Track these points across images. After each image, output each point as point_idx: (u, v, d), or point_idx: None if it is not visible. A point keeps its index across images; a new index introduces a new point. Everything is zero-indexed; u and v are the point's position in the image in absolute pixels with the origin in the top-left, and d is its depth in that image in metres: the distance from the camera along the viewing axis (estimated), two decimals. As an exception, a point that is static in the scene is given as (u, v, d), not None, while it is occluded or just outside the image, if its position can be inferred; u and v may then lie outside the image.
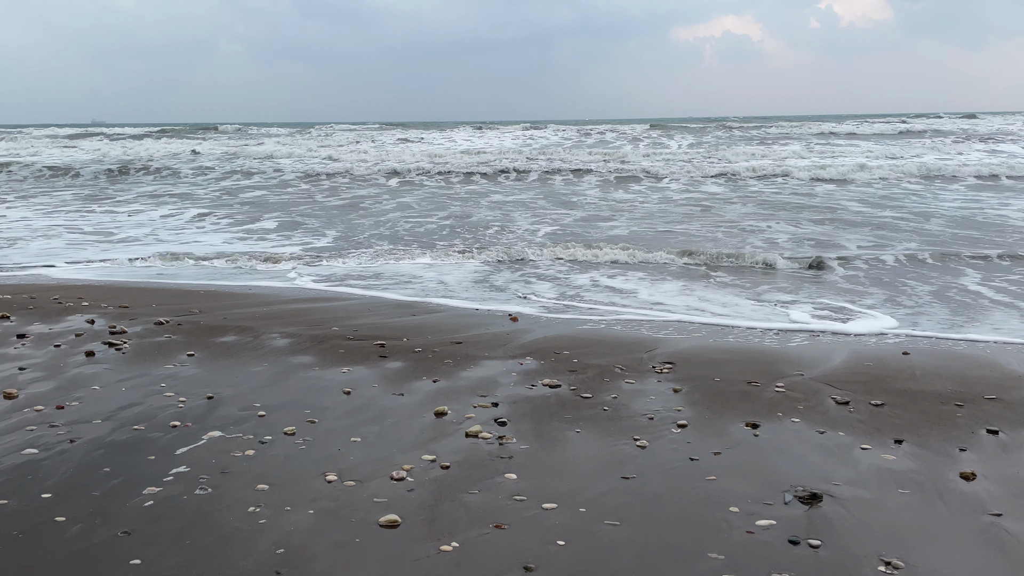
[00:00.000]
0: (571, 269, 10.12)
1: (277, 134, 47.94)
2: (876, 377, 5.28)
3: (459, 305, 8.07)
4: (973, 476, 3.68)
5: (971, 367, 5.64)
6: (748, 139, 36.72)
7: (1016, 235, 12.45)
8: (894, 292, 8.57)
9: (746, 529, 3.18)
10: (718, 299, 8.33)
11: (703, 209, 16.28)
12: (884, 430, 4.26)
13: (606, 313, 7.74)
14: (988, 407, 4.63)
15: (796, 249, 11.51)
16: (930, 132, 36.70)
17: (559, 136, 40.76)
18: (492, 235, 13.18)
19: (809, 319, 7.57)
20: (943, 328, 7.07)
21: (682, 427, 4.31)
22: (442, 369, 5.37)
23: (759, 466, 3.81)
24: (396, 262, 10.86)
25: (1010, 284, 8.90)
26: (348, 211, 16.79)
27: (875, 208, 15.84)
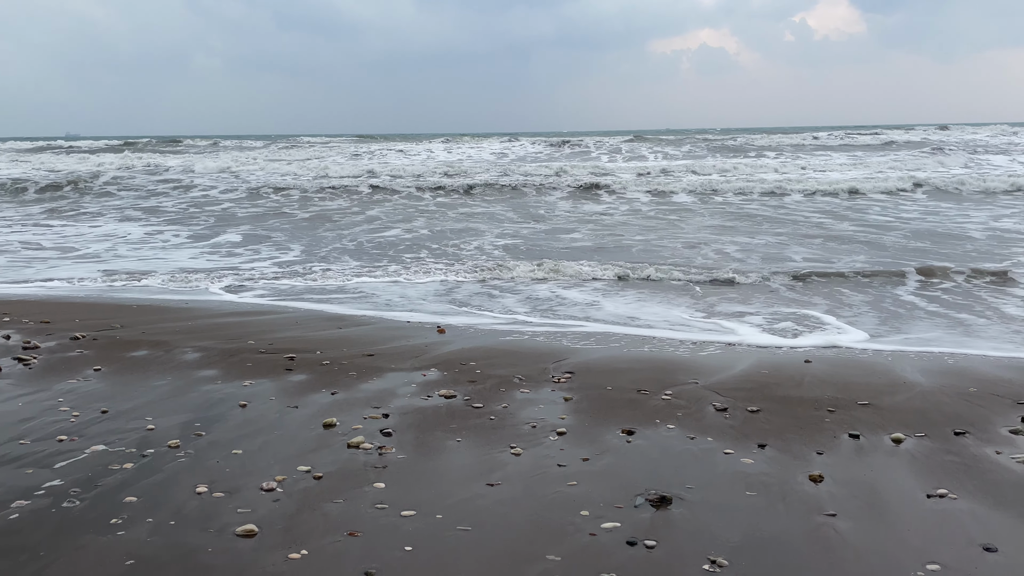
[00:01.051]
0: (532, 281, 10.29)
1: (251, 147, 47.71)
2: (763, 384, 5.49)
3: (393, 317, 8.18)
4: (821, 479, 3.87)
5: (862, 374, 5.87)
6: (723, 151, 37.24)
7: (969, 245, 12.84)
8: (834, 303, 8.83)
9: (590, 532, 3.34)
10: (659, 311, 8.53)
11: (668, 222, 16.60)
12: (751, 435, 4.45)
13: (538, 324, 7.90)
14: (858, 412, 4.84)
15: (744, 260, 11.78)
16: (902, 144, 37.36)
17: (535, 148, 41.01)
18: (455, 247, 13.37)
19: (733, 329, 7.83)
20: (858, 339, 7.34)
21: (561, 434, 4.46)
22: (344, 381, 5.48)
23: (622, 471, 3.97)
24: (356, 277, 10.93)
25: (943, 294, 9.22)
26: (316, 224, 16.90)
27: (836, 220, 16.23)
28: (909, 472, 3.96)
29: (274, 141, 54.85)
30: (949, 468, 4.00)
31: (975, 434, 4.45)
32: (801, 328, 7.66)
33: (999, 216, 16.37)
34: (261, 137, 63.52)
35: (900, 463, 4.07)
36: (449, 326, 7.67)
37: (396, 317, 8.20)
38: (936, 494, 3.69)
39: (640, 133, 52.61)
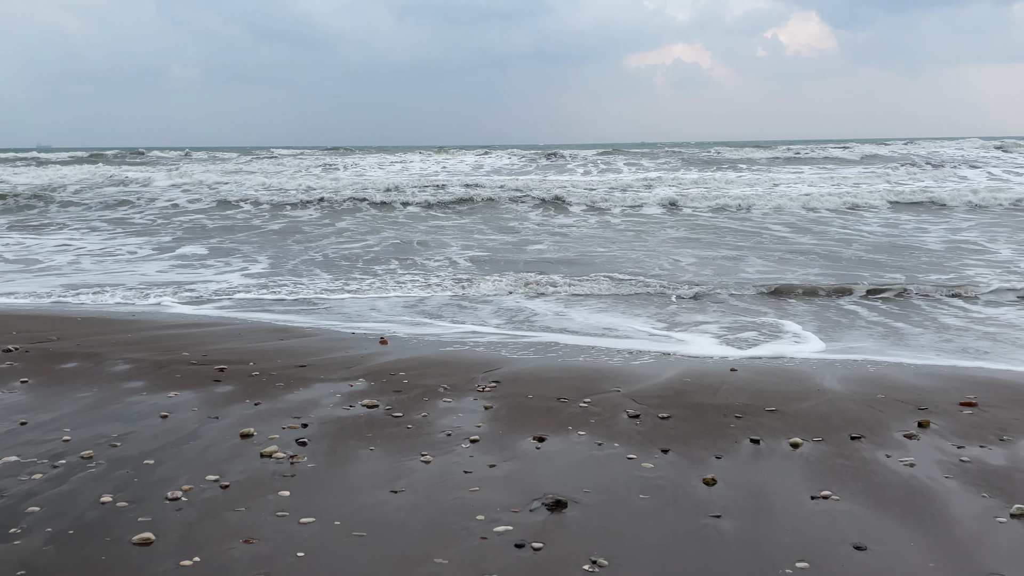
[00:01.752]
0: (496, 292, 10.36)
1: (225, 158, 47.37)
2: (681, 392, 5.65)
3: (339, 328, 8.25)
4: (714, 482, 4.03)
5: (781, 382, 6.06)
6: (696, 163, 37.60)
7: (925, 258, 13.17)
8: (782, 313, 9.04)
9: (481, 535, 3.45)
10: (615, 321, 8.68)
11: (636, 234, 16.83)
12: (657, 441, 4.60)
13: (490, 334, 8.02)
14: (764, 418, 5.02)
15: (697, 272, 11.97)
16: (870, 158, 37.96)
17: (510, 160, 41.15)
18: (424, 259, 13.49)
19: (678, 338, 8.01)
20: (792, 348, 7.55)
21: (474, 442, 4.58)
22: (270, 392, 5.55)
23: (525, 477, 4.09)
24: (327, 292, 10.94)
25: (883, 304, 9.45)
26: (286, 236, 16.91)
27: (799, 233, 16.52)
28: (800, 475, 4.13)
29: (249, 153, 54.49)
30: (838, 471, 4.17)
31: (870, 438, 4.64)
32: (741, 338, 7.85)
33: (956, 229, 16.80)
34: (237, 149, 62.94)
35: (793, 466, 4.24)
36: (394, 337, 7.77)
37: (342, 328, 8.27)
38: (820, 495, 3.86)
39: (615, 146, 52.94)
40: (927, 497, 3.84)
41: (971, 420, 4.95)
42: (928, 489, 3.93)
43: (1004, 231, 16.08)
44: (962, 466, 4.21)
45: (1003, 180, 27.86)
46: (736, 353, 7.21)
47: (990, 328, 8.16)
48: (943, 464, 4.24)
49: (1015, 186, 24.66)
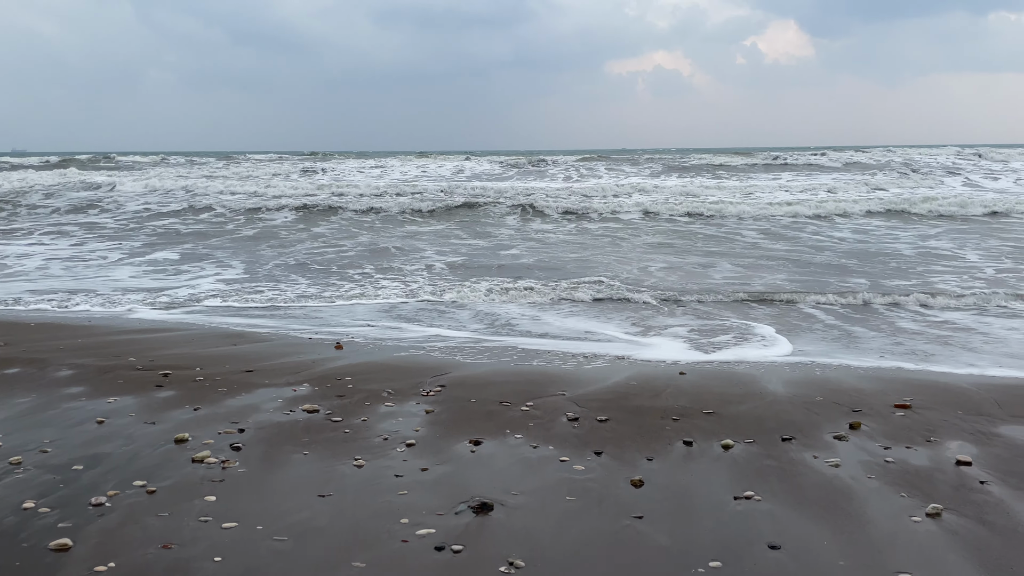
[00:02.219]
0: (465, 297, 10.39)
1: (202, 162, 46.98)
2: (624, 395, 5.70)
3: (297, 333, 8.22)
4: (641, 483, 4.07)
5: (725, 385, 6.12)
6: (677, 170, 37.77)
7: (894, 263, 13.35)
8: (744, 317, 9.14)
9: (403, 539, 3.47)
10: (579, 325, 8.75)
11: (611, 240, 16.91)
12: (592, 443, 4.64)
13: (451, 339, 8.06)
14: (700, 421, 5.08)
15: (664, 278, 12.03)
16: (848, 165, 38.24)
17: (491, 166, 41.12)
18: (400, 264, 13.53)
19: (638, 342, 8.07)
20: (744, 352, 7.65)
21: (410, 446, 4.59)
22: (211, 397, 5.53)
23: (456, 480, 4.12)
24: (301, 297, 10.92)
25: (841, 308, 9.58)
26: (261, 241, 16.86)
27: (772, 239, 16.68)
28: (727, 476, 4.19)
29: (227, 157, 54.04)
30: (764, 472, 4.24)
31: (800, 440, 4.71)
32: (704, 341, 7.92)
33: (927, 236, 17.00)
34: (215, 153, 62.34)
35: (721, 467, 4.30)
36: (352, 342, 7.76)
37: (301, 334, 8.24)
38: (743, 496, 3.92)
39: (596, 152, 53.02)
40: (847, 497, 3.92)
41: (902, 422, 5.04)
42: (849, 489, 4.00)
43: (974, 238, 16.35)
44: (886, 467, 4.29)
45: (979, 187, 28.45)
46: (698, 357, 7.27)
47: (944, 332, 8.31)
48: (867, 465, 4.32)
49: (989, 193, 25.18)
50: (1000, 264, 13.03)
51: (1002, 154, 39.76)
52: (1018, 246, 15.10)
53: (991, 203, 21.13)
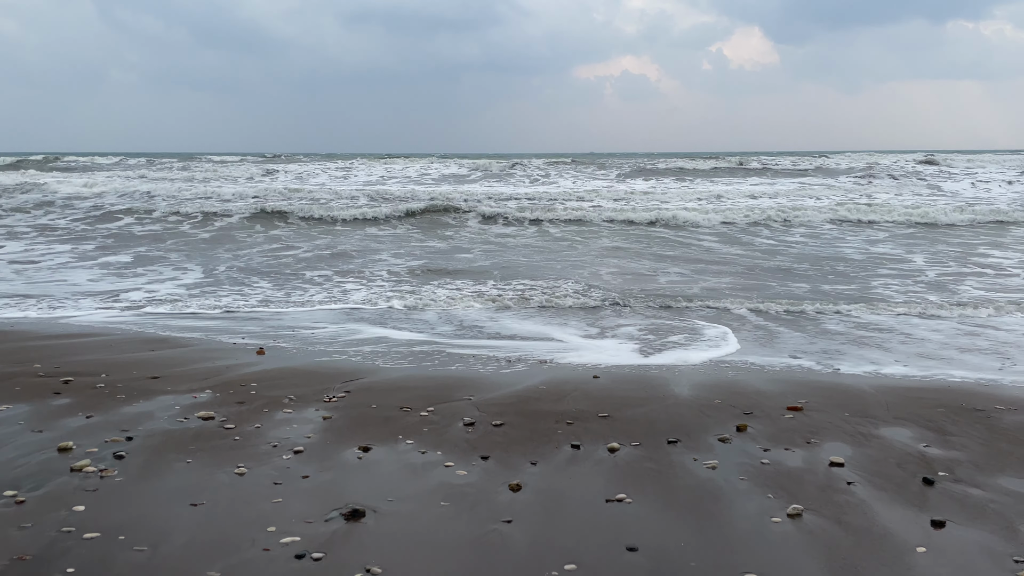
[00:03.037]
0: (420, 301, 10.44)
1: (163, 164, 46.04)
2: (528, 399, 5.76)
3: (223, 338, 8.16)
4: (519, 487, 4.13)
5: (632, 388, 6.20)
6: (643, 173, 38.02)
7: (842, 267, 13.67)
8: (679, 318, 9.29)
9: (264, 547, 3.47)
10: (520, 328, 8.80)
11: (569, 244, 17.04)
12: (480, 448, 4.69)
13: (393, 341, 8.12)
14: (594, 424, 5.16)
15: (612, 280, 12.25)
16: (809, 171, 38.74)
17: (459, 170, 40.90)
18: (358, 267, 13.56)
19: (570, 344, 8.14)
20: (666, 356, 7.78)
21: (297, 453, 4.59)
22: (107, 405, 5.46)
23: (335, 487, 4.13)
24: (262, 302, 10.82)
25: (774, 311, 9.75)
26: (216, 244, 16.68)
27: (728, 244, 16.93)
28: (605, 479, 4.26)
29: (190, 158, 53.15)
30: (642, 474, 4.32)
31: (685, 442, 4.81)
32: (631, 344, 8.04)
33: (875, 241, 17.35)
34: (178, 154, 61.16)
35: (602, 470, 4.38)
36: (276, 347, 7.71)
37: (226, 338, 8.17)
38: (615, 499, 4.00)
39: (564, 156, 53.17)
40: (715, 498, 4.01)
41: (789, 424, 5.17)
42: (719, 491, 4.10)
43: (922, 243, 16.77)
44: (760, 468, 4.40)
45: (942, 192, 29.16)
46: (628, 359, 7.36)
47: (867, 333, 8.52)
48: (743, 466, 4.43)
49: (941, 200, 25.75)
50: (945, 268, 13.44)
51: (972, 161, 40.73)
52: (963, 251, 15.57)
53: (941, 211, 21.52)
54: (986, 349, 7.78)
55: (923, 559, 3.40)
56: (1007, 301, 10.30)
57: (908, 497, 4.01)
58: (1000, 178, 32.46)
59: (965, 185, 30.92)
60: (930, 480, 4.19)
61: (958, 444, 4.76)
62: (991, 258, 14.65)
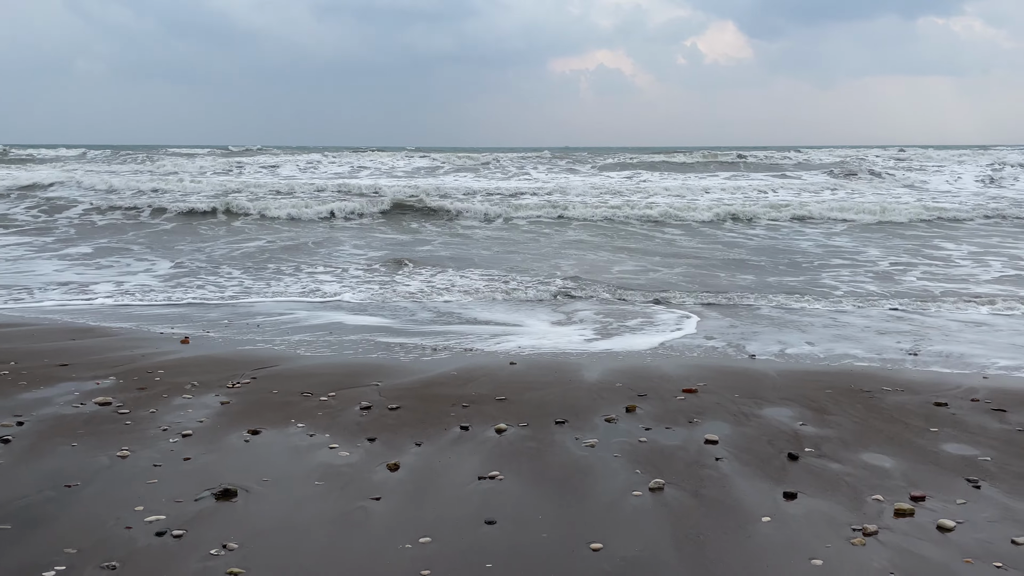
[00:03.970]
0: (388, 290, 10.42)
1: (128, 156, 45.17)
2: (433, 384, 5.85)
3: (151, 327, 8.16)
4: (397, 467, 4.22)
5: (540, 373, 6.30)
6: (616, 168, 38.06)
7: (799, 257, 13.96)
8: (616, 304, 9.43)
9: (127, 525, 3.52)
10: (466, 315, 8.90)
11: (532, 236, 17.13)
12: (370, 431, 4.77)
13: (341, 329, 8.18)
14: (490, 407, 5.26)
15: (568, 270, 12.43)
16: (777, 165, 38.85)
17: (426, 162, 40.62)
18: (322, 258, 13.66)
19: (512, 330, 8.25)
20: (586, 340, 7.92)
21: (186, 436, 4.64)
22: (6, 391, 5.45)
23: (215, 469, 4.18)
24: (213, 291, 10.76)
25: (714, 299, 9.99)
26: (177, 236, 16.61)
27: (689, 236, 17.14)
28: (484, 457, 4.36)
29: (157, 150, 52.16)
30: (521, 452, 4.43)
31: (573, 423, 4.93)
32: (572, 330, 8.17)
33: (831, 234, 17.64)
34: (145, 147, 59.88)
35: (483, 450, 4.48)
36: (205, 336, 7.72)
37: (155, 327, 8.17)
38: (488, 476, 4.10)
39: (540, 150, 52.95)
40: (584, 474, 4.14)
41: (679, 405, 5.32)
42: (591, 467, 4.22)
43: (879, 236, 17.09)
44: (637, 446, 4.54)
45: (921, 189, 29.64)
46: (524, 344, 7.48)
47: (795, 317, 8.75)
48: (621, 444, 4.56)
49: (904, 196, 26.12)
50: (897, 259, 13.76)
51: (941, 157, 41.26)
52: (917, 244, 15.93)
53: (907, 207, 21.71)
54: (905, 332, 8.03)
55: (765, 527, 3.55)
56: (942, 291, 10.64)
57: (769, 471, 4.17)
58: (974, 174, 32.88)
59: (939, 182, 31.37)
60: (795, 455, 4.36)
61: (833, 423, 4.94)
62: (943, 250, 14.97)
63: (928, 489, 3.94)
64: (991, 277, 12.06)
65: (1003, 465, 4.25)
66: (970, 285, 11.23)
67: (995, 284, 11.37)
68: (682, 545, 3.40)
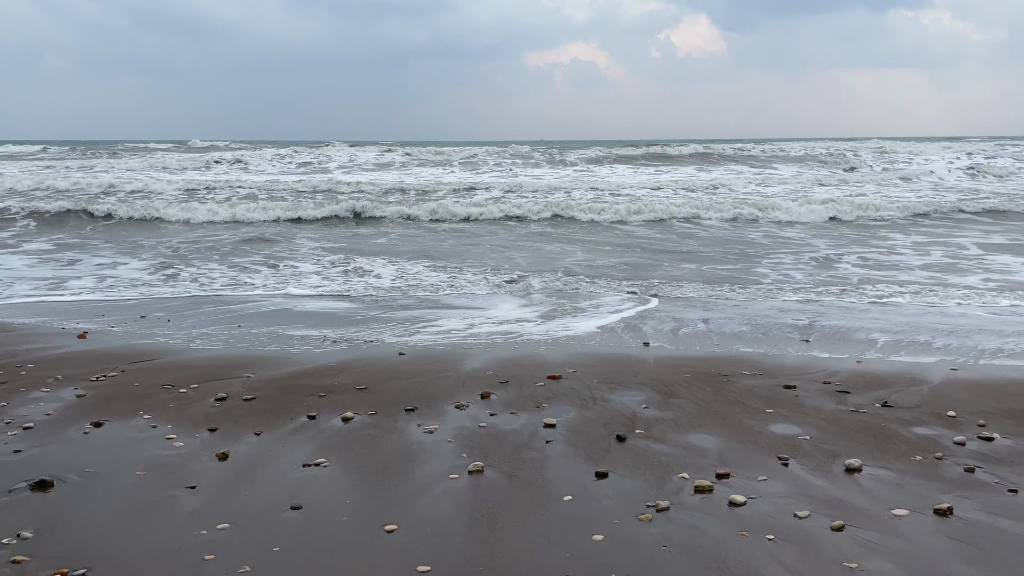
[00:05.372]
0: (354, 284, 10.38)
1: (95, 152, 44.24)
2: (300, 375, 5.88)
3: (56, 322, 8.11)
4: (226, 456, 4.25)
5: (424, 363, 6.34)
6: (589, 161, 37.93)
7: (751, 250, 14.09)
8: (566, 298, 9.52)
9: (-75, 517, 3.53)
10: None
11: (489, 232, 17.08)
12: (215, 421, 4.80)
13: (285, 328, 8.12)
14: (346, 396, 5.31)
15: (505, 264, 12.54)
16: (745, 158, 39.05)
17: (394, 156, 40.16)
18: (267, 255, 13.58)
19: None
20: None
21: (27, 429, 4.64)
22: None
23: (40, 459, 4.19)
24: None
25: (641, 288, 10.12)
26: (141, 232, 16.14)
27: (647, 228, 17.32)
28: (317, 445, 4.41)
29: (121, 145, 51.04)
30: (357, 440, 4.49)
31: (422, 410, 5.00)
32: (486, 317, 8.24)
33: (783, 225, 17.82)
34: (115, 142, 58.33)
35: (321, 438, 4.53)
36: (106, 332, 7.67)
37: (59, 322, 8.12)
38: (313, 463, 4.16)
39: (515, 143, 52.53)
40: (411, 459, 4.21)
41: (536, 391, 5.41)
42: (421, 452, 4.30)
43: (828, 228, 17.37)
44: (475, 431, 4.62)
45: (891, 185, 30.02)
46: (416, 336, 7.54)
47: (725, 305, 8.90)
48: (460, 430, 4.63)
49: (868, 190, 26.39)
50: (840, 249, 13.95)
51: (911, 148, 41.74)
52: (867, 235, 16.23)
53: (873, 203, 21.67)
54: (813, 316, 8.20)
55: (564, 506, 3.65)
56: (859, 279, 10.87)
57: (592, 453, 4.27)
58: (949, 166, 33.19)
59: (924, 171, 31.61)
60: (623, 437, 4.47)
61: (675, 406, 5.06)
62: (889, 240, 15.20)
63: (737, 467, 4.07)
64: (922, 263, 12.35)
65: (819, 444, 4.40)
66: (900, 272, 11.52)
67: (924, 271, 11.65)
68: (475, 524, 3.48)
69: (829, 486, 3.84)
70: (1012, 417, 4.81)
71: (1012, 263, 12.26)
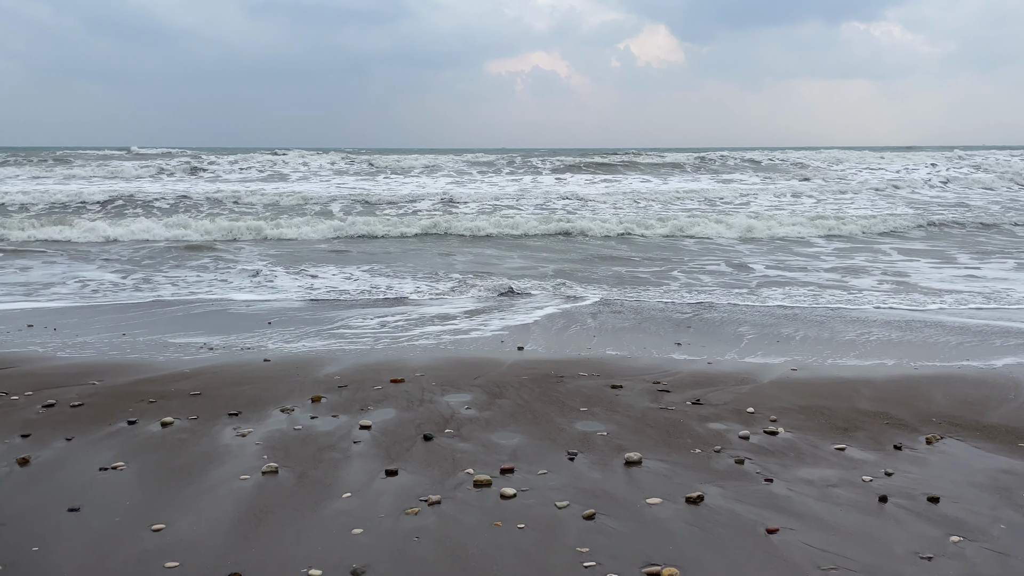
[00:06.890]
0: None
1: (38, 159, 42.90)
2: (145, 381, 5.90)
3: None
4: (26, 461, 4.28)
5: (283, 369, 6.39)
6: (556, 170, 37.93)
7: (687, 255, 14.42)
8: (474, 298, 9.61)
9: None
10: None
11: (433, 240, 17.09)
12: (31, 427, 4.82)
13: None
14: (177, 402, 5.35)
15: (456, 268, 12.61)
16: (701, 165, 39.52)
17: (346, 163, 39.84)
18: (214, 258, 13.31)
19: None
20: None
21: None
22: None
23: None
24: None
25: (549, 289, 10.28)
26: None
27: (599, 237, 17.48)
28: (122, 449, 4.47)
29: (64, 151, 49.51)
30: (163, 444, 4.55)
31: (245, 414, 5.08)
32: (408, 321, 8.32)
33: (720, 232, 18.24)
34: (64, 148, 56.44)
35: (130, 443, 4.58)
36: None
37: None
38: (111, 467, 4.21)
39: (475, 151, 52.40)
40: (210, 461, 4.29)
41: (370, 394, 5.52)
42: (223, 455, 4.37)
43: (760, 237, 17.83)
44: (285, 433, 4.71)
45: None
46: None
47: (630, 308, 9.13)
48: (272, 433, 4.73)
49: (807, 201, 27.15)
50: (772, 257, 14.31)
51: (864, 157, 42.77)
52: (785, 243, 16.68)
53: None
54: (698, 321, 8.48)
55: (340, 503, 3.78)
56: (758, 282, 11.24)
57: (393, 452, 4.41)
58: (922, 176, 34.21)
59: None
60: (429, 436, 4.62)
61: (497, 406, 5.24)
62: (813, 247, 15.68)
63: (525, 462, 4.25)
64: (828, 267, 12.83)
65: (612, 439, 4.62)
66: (807, 274, 11.99)
67: (828, 273, 12.12)
68: (242, 522, 3.59)
69: (601, 478, 4.05)
70: (805, 413, 5.11)
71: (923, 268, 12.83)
